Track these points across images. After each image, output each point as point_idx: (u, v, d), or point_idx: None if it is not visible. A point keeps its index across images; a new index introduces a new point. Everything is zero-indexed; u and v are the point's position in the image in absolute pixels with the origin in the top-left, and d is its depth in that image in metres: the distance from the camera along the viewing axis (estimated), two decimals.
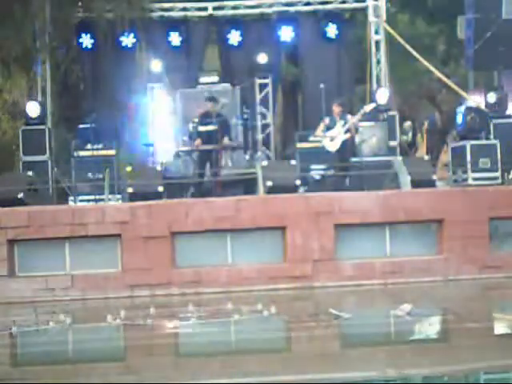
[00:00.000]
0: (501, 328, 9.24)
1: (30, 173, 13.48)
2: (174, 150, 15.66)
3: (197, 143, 14.25)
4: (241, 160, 15.80)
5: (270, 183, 13.00)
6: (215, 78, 16.59)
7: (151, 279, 11.91)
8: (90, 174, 14.03)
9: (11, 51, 15.84)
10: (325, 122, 13.83)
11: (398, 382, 6.94)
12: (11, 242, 12.02)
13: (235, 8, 16.75)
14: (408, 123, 19.38)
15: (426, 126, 19.28)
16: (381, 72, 16.36)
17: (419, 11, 20.72)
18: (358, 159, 14.28)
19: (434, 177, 13.84)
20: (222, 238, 12.21)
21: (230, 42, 16.83)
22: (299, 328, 9.28)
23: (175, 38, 16.65)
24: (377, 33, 16.41)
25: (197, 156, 14.54)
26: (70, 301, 11.74)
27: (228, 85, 16.53)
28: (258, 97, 16.85)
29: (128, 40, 16.38)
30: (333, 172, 14.00)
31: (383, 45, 16.33)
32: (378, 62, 16.40)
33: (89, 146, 14.60)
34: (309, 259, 12.08)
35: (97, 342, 9.04)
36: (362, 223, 12.24)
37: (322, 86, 14.01)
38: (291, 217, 12.14)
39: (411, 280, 11.99)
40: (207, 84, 16.45)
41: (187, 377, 7.34)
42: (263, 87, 16.85)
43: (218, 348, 8.44)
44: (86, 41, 16.39)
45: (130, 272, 11.97)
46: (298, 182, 13.26)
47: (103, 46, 16.06)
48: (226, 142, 14.40)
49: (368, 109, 14.01)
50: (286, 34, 16.80)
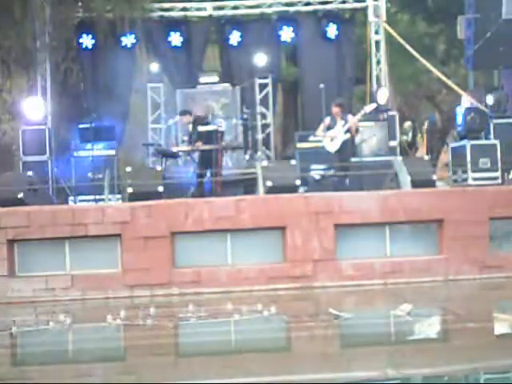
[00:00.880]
0: (501, 328, 9.23)
1: (30, 173, 13.45)
2: (174, 150, 15.64)
3: (197, 144, 14.25)
4: (241, 160, 15.80)
5: (269, 183, 12.98)
6: (215, 78, 16.59)
7: (151, 279, 11.91)
8: (90, 174, 14.02)
9: (11, 51, 15.83)
10: (325, 122, 13.83)
11: (397, 382, 6.94)
12: (11, 242, 12.01)
13: (235, 8, 16.75)
14: (408, 123, 19.42)
15: (425, 126, 19.32)
16: (381, 72, 16.36)
17: (419, 11, 20.70)
18: (358, 159, 14.29)
19: (434, 177, 13.82)
20: (222, 238, 12.21)
21: (230, 42, 16.80)
22: (299, 328, 9.27)
23: (175, 38, 16.63)
24: (377, 33, 16.41)
25: (197, 156, 14.54)
26: (69, 301, 11.73)
27: (228, 85, 16.55)
28: (258, 97, 16.82)
29: (128, 40, 16.35)
30: (333, 172, 14.01)
31: (383, 45, 16.33)
32: (378, 62, 16.39)
33: (89, 146, 14.61)
34: (309, 259, 12.07)
35: (97, 342, 9.04)
36: (362, 223, 12.24)
37: (321, 86, 14.02)
38: (291, 217, 12.13)
39: (411, 280, 11.99)
40: (207, 84, 16.46)
41: (187, 377, 7.35)
42: (263, 87, 16.83)
43: (218, 348, 8.45)
44: (86, 41, 16.36)
45: (129, 272, 11.96)
46: (297, 182, 13.23)
47: (103, 46, 16.06)
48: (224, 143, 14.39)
49: (369, 109, 14.03)
50: (285, 34, 16.77)
